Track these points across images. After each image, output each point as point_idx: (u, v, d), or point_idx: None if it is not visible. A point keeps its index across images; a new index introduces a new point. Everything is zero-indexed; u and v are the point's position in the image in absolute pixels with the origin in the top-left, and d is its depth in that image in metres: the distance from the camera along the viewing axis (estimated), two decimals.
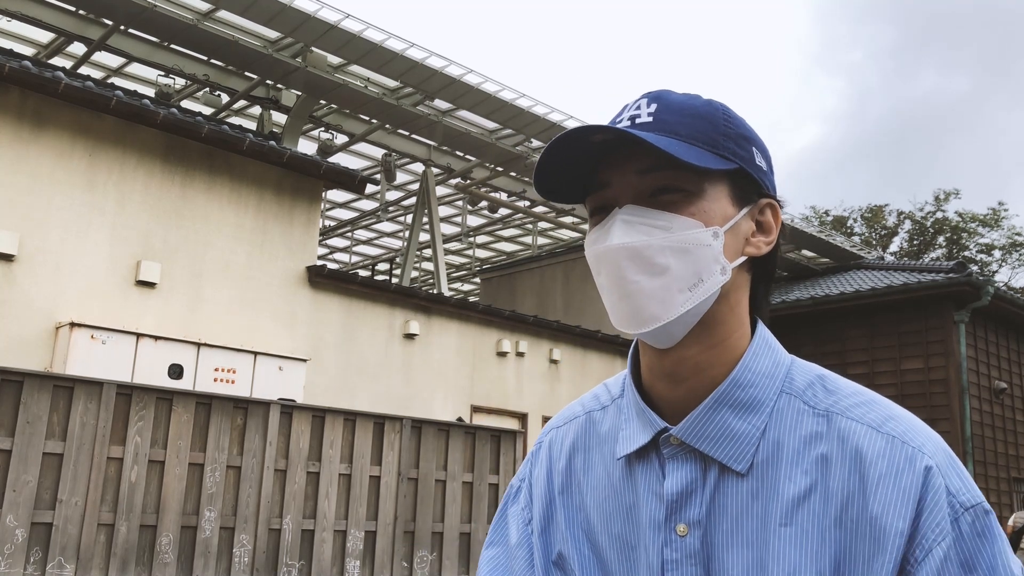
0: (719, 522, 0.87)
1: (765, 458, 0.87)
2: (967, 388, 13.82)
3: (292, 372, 8.83)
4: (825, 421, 0.87)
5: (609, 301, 0.89)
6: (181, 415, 6.23)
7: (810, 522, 0.83)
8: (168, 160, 8.73)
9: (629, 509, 0.93)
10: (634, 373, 0.97)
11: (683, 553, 0.87)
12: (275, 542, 6.59)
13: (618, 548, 0.94)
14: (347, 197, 15.13)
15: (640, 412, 0.93)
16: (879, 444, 0.84)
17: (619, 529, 0.94)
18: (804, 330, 15.52)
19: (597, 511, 0.97)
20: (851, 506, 0.83)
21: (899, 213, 31.64)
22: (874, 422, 0.86)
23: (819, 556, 0.82)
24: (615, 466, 0.96)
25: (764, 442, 0.88)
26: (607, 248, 0.87)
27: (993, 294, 13.82)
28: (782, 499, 0.85)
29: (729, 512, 0.87)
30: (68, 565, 5.60)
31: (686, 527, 0.87)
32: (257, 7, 9.88)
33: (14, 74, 7.53)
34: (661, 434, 0.90)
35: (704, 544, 0.87)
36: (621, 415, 0.98)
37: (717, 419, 0.88)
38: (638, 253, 0.85)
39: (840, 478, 0.84)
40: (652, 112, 0.88)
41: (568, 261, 15.97)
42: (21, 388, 5.61)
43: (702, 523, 0.87)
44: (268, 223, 9.36)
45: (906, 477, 0.82)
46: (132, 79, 12.04)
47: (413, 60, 11.00)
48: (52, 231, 7.84)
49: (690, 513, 0.87)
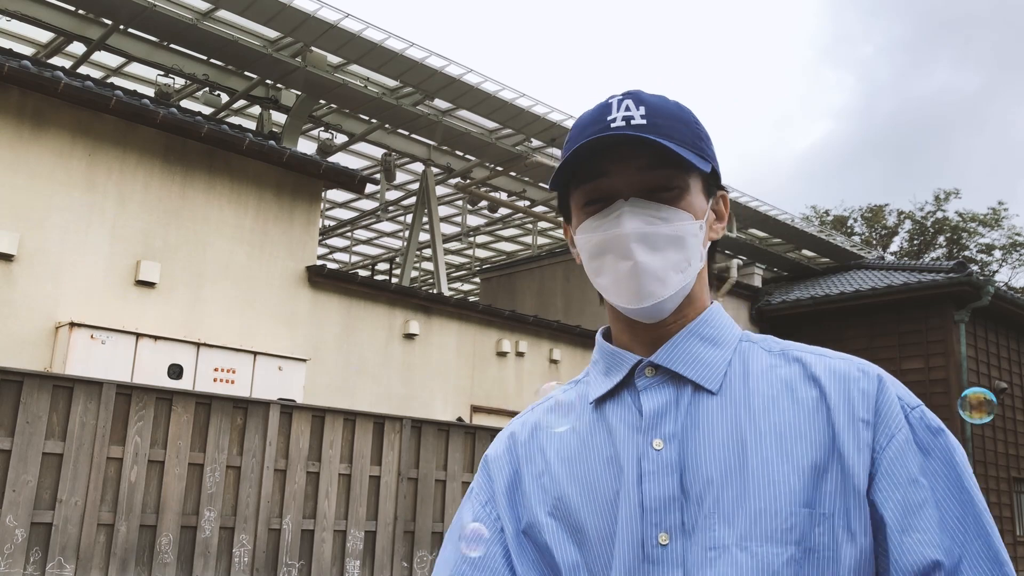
0: (692, 435, 0.96)
1: (733, 380, 1.00)
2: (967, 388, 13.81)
3: (292, 372, 8.82)
4: (782, 356, 1.02)
5: (611, 280, 1.00)
6: (181, 415, 6.23)
7: (783, 423, 0.95)
8: (168, 160, 8.72)
9: (600, 451, 1.02)
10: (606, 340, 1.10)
11: (659, 464, 0.96)
12: (275, 542, 6.58)
13: (589, 496, 1.00)
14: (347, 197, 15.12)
15: (613, 356, 1.05)
16: (835, 363, 0.99)
17: (589, 475, 1.01)
18: (804, 330, 15.53)
19: (565, 467, 1.04)
20: (820, 408, 0.95)
21: (899, 213, 31.67)
22: (826, 354, 1.02)
23: (792, 450, 0.93)
24: (583, 421, 1.05)
25: (731, 370, 1.01)
26: (619, 234, 0.98)
27: (993, 294, 13.82)
28: (753, 408, 0.97)
29: (701, 426, 0.97)
30: (68, 565, 5.60)
31: (661, 441, 0.97)
32: (257, 7, 9.88)
33: (14, 74, 7.52)
34: (636, 366, 1.02)
35: (680, 455, 0.96)
36: (588, 386, 1.09)
37: (690, 346, 1.02)
38: (645, 239, 0.98)
39: (805, 389, 0.97)
40: (643, 115, 0.99)
41: (568, 261, 15.96)
42: (21, 388, 5.60)
43: (677, 436, 0.96)
44: (268, 223, 9.36)
45: (864, 382, 0.96)
46: (132, 79, 12.03)
47: (413, 60, 10.99)
48: (52, 231, 7.83)
49: (665, 429, 0.97)
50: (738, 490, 0.92)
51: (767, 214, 15.63)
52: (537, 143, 13.07)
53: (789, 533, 0.89)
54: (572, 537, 0.99)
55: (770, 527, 0.90)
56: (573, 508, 1.00)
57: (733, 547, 0.90)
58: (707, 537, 0.91)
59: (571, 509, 1.00)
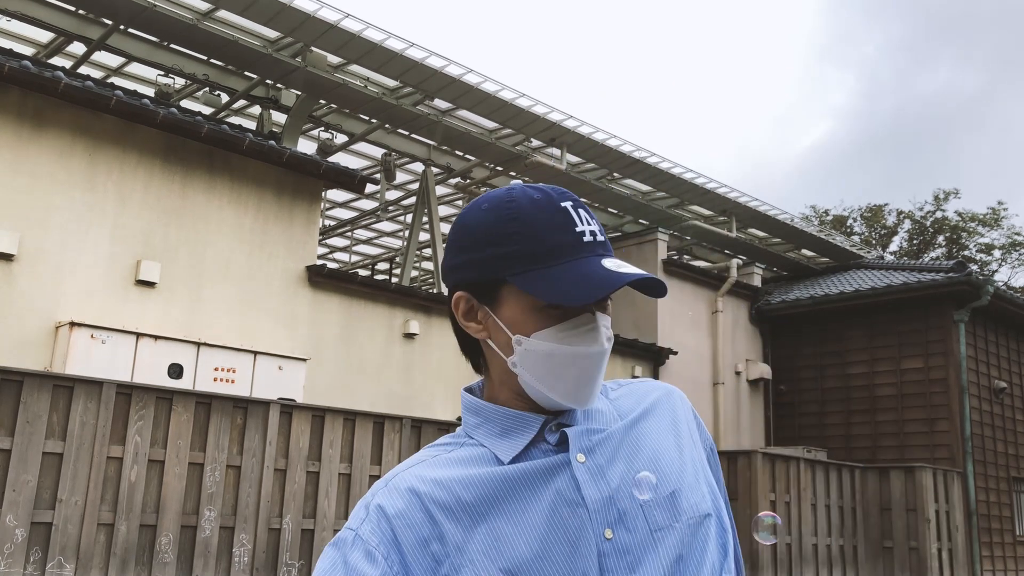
0: (607, 446, 1.09)
1: (615, 416, 1.15)
2: (967, 388, 13.82)
3: (292, 372, 8.83)
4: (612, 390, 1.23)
5: (569, 388, 1.07)
6: (181, 415, 6.23)
7: (657, 424, 1.14)
8: (168, 160, 8.73)
9: (538, 501, 1.05)
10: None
11: (588, 473, 1.06)
12: (275, 542, 6.59)
13: (543, 546, 1.02)
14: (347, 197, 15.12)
15: (517, 419, 1.10)
16: (661, 388, 1.21)
17: (536, 526, 1.03)
18: (804, 330, 15.53)
19: (505, 523, 1.03)
20: (671, 414, 1.17)
21: (899, 213, 31.68)
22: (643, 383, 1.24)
23: (667, 440, 1.13)
24: (502, 478, 1.07)
25: (612, 411, 1.16)
26: (601, 352, 1.07)
27: (993, 294, 13.83)
28: (636, 422, 1.14)
29: (611, 441, 1.10)
30: (68, 565, 5.60)
31: (583, 455, 1.07)
32: (257, 7, 9.88)
33: (14, 74, 7.52)
34: (545, 424, 1.10)
35: (605, 463, 1.08)
36: (477, 447, 1.11)
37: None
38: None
39: (659, 403, 1.17)
40: (600, 230, 1.10)
41: None
42: (21, 388, 5.61)
43: (594, 450, 1.08)
44: (268, 223, 9.36)
45: (685, 402, 1.20)
46: (132, 79, 12.03)
47: (413, 60, 10.99)
48: (52, 231, 7.84)
49: (583, 444, 1.08)
50: (661, 479, 1.07)
51: (767, 214, 15.64)
52: (537, 143, 13.07)
53: (703, 502, 1.10)
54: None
55: (694, 503, 1.08)
56: (527, 558, 1.01)
57: (675, 523, 1.05)
58: (650, 521, 1.05)
59: (525, 560, 1.01)
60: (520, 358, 1.07)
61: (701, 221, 15.49)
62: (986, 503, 14.01)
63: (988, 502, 14.08)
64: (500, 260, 1.05)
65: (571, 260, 1.04)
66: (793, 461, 10.72)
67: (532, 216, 1.05)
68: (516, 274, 1.04)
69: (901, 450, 14.12)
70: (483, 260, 1.07)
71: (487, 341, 1.11)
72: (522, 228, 1.05)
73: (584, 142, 12.99)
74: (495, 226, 1.07)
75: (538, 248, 1.04)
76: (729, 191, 15.01)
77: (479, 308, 1.11)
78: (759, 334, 15.87)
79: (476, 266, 1.08)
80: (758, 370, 15.34)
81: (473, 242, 1.08)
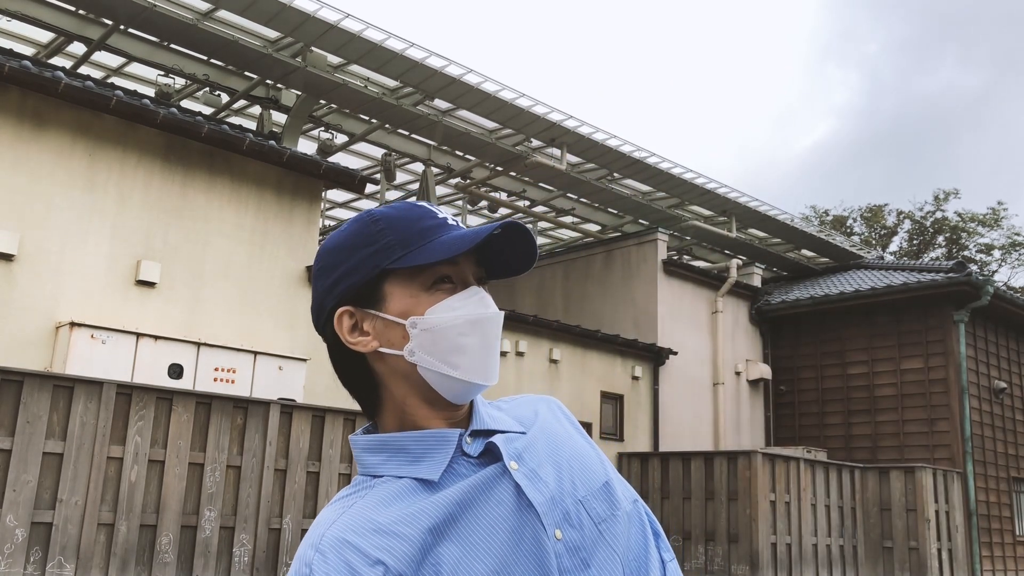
0: (534, 448, 1.11)
1: (520, 423, 1.16)
2: (967, 388, 13.83)
3: (292, 372, 8.83)
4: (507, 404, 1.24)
5: (473, 359, 1.08)
6: (181, 415, 6.23)
7: (559, 426, 1.18)
8: (168, 160, 8.73)
9: (486, 516, 1.03)
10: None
11: (527, 479, 1.06)
12: (275, 542, 6.59)
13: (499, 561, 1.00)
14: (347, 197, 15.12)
15: (427, 439, 1.08)
16: (540, 399, 1.24)
17: (492, 544, 1.01)
18: (804, 330, 15.54)
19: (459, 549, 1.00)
20: (564, 417, 1.22)
21: (898, 213, 31.69)
22: (524, 397, 1.26)
23: (576, 438, 1.17)
24: (424, 494, 1.04)
25: (509, 420, 1.17)
26: (494, 314, 1.09)
27: (992, 294, 13.83)
28: (544, 427, 1.16)
29: (537, 443, 1.12)
30: (68, 565, 5.60)
31: (515, 462, 1.07)
32: (257, 7, 9.88)
33: (14, 74, 7.53)
34: (460, 437, 1.08)
35: (536, 465, 1.08)
36: (390, 483, 1.06)
37: (487, 411, 1.15)
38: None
39: (549, 410, 1.21)
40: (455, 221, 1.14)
41: (568, 261, 15.98)
42: (21, 388, 5.61)
43: (522, 456, 1.08)
44: (268, 223, 9.37)
45: (564, 408, 1.25)
46: (132, 79, 12.04)
47: (413, 60, 11.00)
48: (52, 231, 7.84)
49: (510, 452, 1.08)
50: (590, 473, 1.11)
51: (767, 214, 15.64)
52: (537, 143, 13.07)
53: (628, 489, 1.15)
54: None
55: (624, 489, 1.13)
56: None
57: (616, 512, 1.09)
58: (592, 515, 1.07)
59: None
60: (417, 342, 1.06)
61: (701, 221, 15.50)
62: (986, 503, 14.01)
63: (988, 502, 14.08)
64: (376, 254, 1.07)
65: (443, 236, 1.08)
66: (793, 461, 10.72)
67: (395, 215, 1.10)
68: (396, 259, 1.07)
69: (901, 450, 14.12)
70: (359, 262, 1.08)
71: (379, 352, 1.08)
72: (389, 224, 1.09)
73: (584, 142, 12.99)
74: (361, 232, 1.10)
75: (409, 234, 1.08)
76: (729, 191, 15.01)
77: (364, 316, 1.09)
78: (759, 334, 15.87)
79: (353, 271, 1.08)
80: (758, 370, 15.35)
81: (342, 253, 1.10)
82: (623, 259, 14.96)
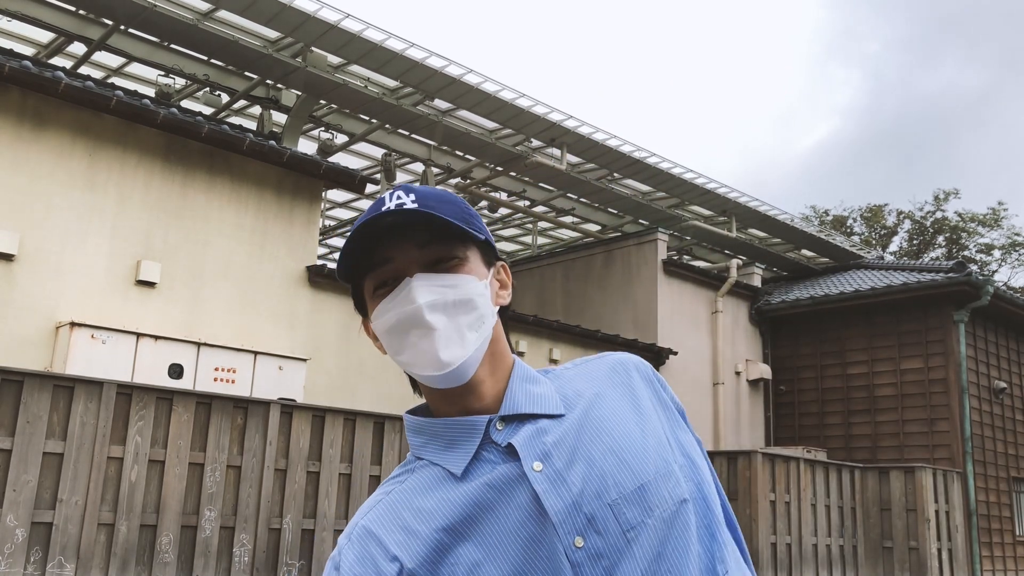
0: (565, 445, 1.05)
1: (566, 402, 1.11)
2: (967, 388, 13.83)
3: (292, 372, 8.83)
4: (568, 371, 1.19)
5: (413, 354, 1.06)
6: (181, 415, 6.24)
7: (615, 407, 1.10)
8: (168, 160, 8.73)
9: (506, 514, 1.02)
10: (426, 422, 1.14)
11: (547, 481, 1.02)
12: (275, 542, 6.59)
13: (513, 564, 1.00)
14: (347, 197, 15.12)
15: (455, 427, 1.08)
16: (614, 361, 1.17)
17: (507, 544, 1.01)
18: (804, 330, 15.54)
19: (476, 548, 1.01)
20: (629, 391, 1.13)
21: (898, 213, 31.69)
22: (599, 360, 1.20)
23: (628, 424, 1.08)
24: (448, 488, 1.06)
25: (560, 395, 1.12)
26: (412, 307, 1.05)
27: (993, 294, 13.83)
28: (590, 409, 1.09)
29: (569, 437, 1.06)
30: (68, 565, 5.60)
31: (539, 463, 1.03)
32: (257, 7, 9.88)
33: (14, 74, 7.53)
34: (488, 424, 1.07)
35: (563, 466, 1.04)
36: (428, 468, 1.10)
37: (524, 390, 1.11)
38: (436, 306, 1.05)
39: (614, 378, 1.14)
40: (414, 200, 1.07)
41: (568, 261, 15.98)
42: (21, 388, 5.61)
43: (550, 455, 1.04)
44: (268, 223, 9.37)
45: (643, 368, 1.18)
46: (132, 79, 12.04)
47: (413, 60, 11.00)
48: (52, 231, 7.84)
49: (536, 451, 1.04)
50: (626, 473, 1.04)
51: (767, 214, 15.64)
52: (537, 143, 13.07)
53: (678, 488, 1.05)
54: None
55: (667, 491, 1.04)
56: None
57: (648, 519, 1.02)
58: (621, 521, 1.01)
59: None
60: (385, 346, 1.12)
61: (701, 221, 15.50)
62: (986, 503, 14.01)
63: (988, 502, 14.08)
64: (342, 268, 1.14)
65: (354, 246, 1.09)
66: (793, 461, 10.72)
67: (357, 220, 1.11)
68: (342, 275, 1.15)
69: (901, 450, 14.12)
70: (342, 274, 1.15)
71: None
72: (350, 234, 1.11)
73: (584, 142, 12.99)
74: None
75: (346, 247, 1.11)
76: (729, 191, 15.01)
77: (368, 324, 1.17)
78: (759, 334, 15.87)
79: (345, 282, 1.16)
80: (758, 370, 15.35)
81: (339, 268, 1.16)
82: (623, 259, 14.96)
